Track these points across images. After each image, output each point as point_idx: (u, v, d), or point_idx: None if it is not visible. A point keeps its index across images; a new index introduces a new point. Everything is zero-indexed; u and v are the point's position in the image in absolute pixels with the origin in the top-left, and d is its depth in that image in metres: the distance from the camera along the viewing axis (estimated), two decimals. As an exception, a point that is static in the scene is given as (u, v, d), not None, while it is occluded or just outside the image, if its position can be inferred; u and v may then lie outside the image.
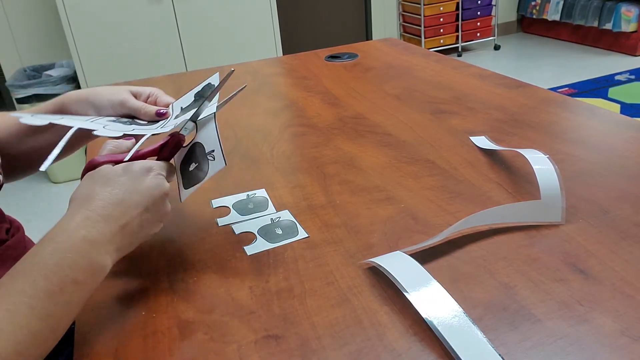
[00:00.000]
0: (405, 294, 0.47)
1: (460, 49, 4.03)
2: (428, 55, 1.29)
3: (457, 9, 3.88)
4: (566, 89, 3.23)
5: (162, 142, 0.56)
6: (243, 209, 0.68)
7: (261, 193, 0.72)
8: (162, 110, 0.63)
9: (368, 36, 3.94)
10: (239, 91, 0.62)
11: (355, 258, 0.56)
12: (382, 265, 0.51)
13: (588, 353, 0.41)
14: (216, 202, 0.70)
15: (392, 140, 0.83)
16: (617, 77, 3.32)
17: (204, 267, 0.56)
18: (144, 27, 2.59)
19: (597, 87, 3.20)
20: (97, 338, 0.46)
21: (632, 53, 3.64)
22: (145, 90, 0.67)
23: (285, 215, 0.65)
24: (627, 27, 3.59)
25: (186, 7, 2.63)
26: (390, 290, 0.50)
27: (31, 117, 0.59)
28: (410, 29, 4.01)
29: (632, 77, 3.30)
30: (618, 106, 2.92)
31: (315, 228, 0.62)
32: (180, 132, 0.57)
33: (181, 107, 0.63)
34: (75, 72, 2.54)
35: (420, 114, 0.93)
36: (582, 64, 3.63)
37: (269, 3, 2.77)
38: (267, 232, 0.62)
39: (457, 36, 3.98)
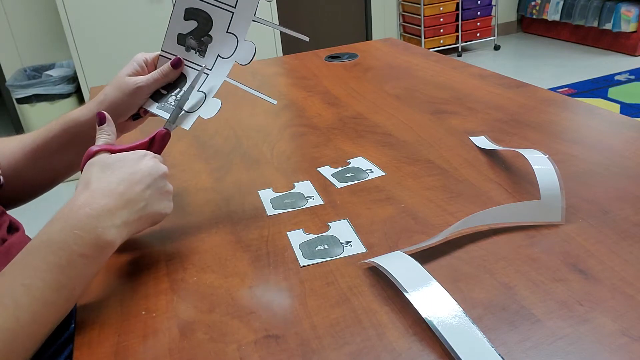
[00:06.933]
0: (405, 294, 0.47)
1: (460, 49, 4.03)
2: (428, 55, 1.29)
3: (457, 9, 3.88)
4: (566, 89, 3.23)
5: (150, 136, 0.60)
6: (243, 209, 0.68)
7: (261, 193, 0.72)
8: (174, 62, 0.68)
9: (368, 36, 3.95)
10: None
11: (355, 258, 0.56)
12: (382, 265, 0.51)
13: (588, 353, 0.41)
14: (216, 202, 0.70)
15: (392, 140, 0.83)
16: (616, 77, 3.32)
17: (204, 267, 0.56)
18: (144, 27, 2.58)
19: (597, 87, 3.20)
20: (97, 338, 0.46)
21: (632, 53, 3.64)
22: (140, 62, 0.71)
23: (285, 215, 0.65)
24: (627, 27, 3.59)
25: (186, 7, 2.63)
26: (390, 290, 0.50)
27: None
28: (410, 29, 4.01)
29: (632, 77, 3.30)
30: (618, 106, 2.92)
31: (316, 228, 0.62)
32: (165, 127, 0.61)
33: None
34: (75, 72, 2.54)
35: (420, 114, 0.93)
36: (582, 64, 3.63)
37: (269, 3, 2.77)
38: (267, 232, 0.62)
39: (457, 36, 3.98)
